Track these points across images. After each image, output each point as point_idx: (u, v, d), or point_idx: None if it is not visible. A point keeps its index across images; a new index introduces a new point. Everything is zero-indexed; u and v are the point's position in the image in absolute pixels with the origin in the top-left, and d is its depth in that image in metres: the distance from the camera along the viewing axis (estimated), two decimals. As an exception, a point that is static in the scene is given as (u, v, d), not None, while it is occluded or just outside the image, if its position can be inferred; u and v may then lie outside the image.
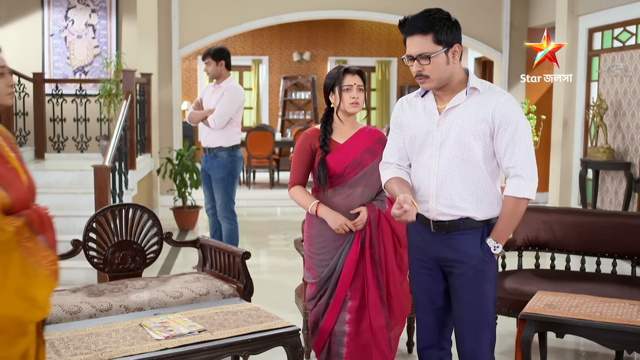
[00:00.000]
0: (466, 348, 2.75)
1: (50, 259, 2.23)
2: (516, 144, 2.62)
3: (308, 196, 3.28)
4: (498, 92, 2.68)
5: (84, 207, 6.35)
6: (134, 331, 3.08)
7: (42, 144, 7.97)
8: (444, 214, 2.71)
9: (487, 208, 2.69)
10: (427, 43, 2.59)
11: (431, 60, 2.59)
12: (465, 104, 2.67)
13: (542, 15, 9.38)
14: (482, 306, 2.71)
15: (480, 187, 2.68)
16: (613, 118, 7.56)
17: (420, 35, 2.60)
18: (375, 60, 15.11)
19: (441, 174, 2.69)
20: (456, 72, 2.67)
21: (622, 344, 3.16)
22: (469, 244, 2.69)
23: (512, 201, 2.66)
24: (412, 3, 9.61)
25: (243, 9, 9.39)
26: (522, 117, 2.65)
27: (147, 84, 7.97)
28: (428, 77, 2.63)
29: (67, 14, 9.10)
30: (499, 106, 2.62)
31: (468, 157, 2.65)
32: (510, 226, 2.69)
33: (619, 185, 7.55)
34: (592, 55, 8.09)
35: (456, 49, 2.63)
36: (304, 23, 14.16)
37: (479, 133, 2.63)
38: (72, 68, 9.12)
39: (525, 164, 2.63)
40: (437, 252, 2.77)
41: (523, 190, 2.63)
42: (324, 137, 3.25)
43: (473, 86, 2.67)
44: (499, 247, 2.69)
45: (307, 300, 3.38)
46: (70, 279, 5.56)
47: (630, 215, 4.34)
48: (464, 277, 2.71)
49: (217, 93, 5.89)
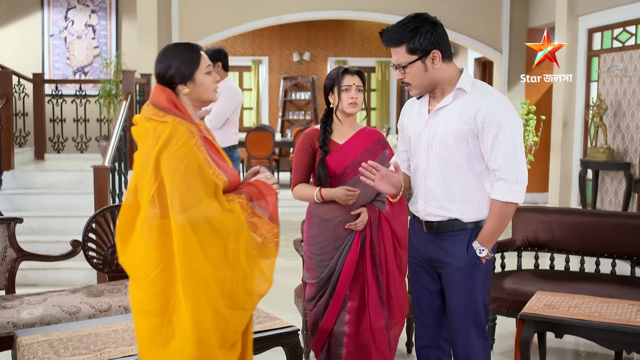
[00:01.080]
0: (458, 350, 2.75)
1: (274, 232, 2.48)
2: (500, 146, 2.58)
3: (310, 187, 3.28)
4: (486, 93, 2.64)
5: (83, 208, 6.36)
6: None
7: (41, 144, 7.97)
8: (432, 214, 2.72)
9: (475, 209, 2.68)
10: (401, 53, 2.62)
11: (406, 69, 2.63)
12: (451, 105, 2.67)
13: (542, 16, 9.38)
14: (471, 308, 2.70)
15: (466, 189, 2.67)
16: (613, 118, 7.56)
17: (394, 46, 2.63)
18: (375, 61, 15.11)
19: (428, 175, 2.71)
20: (441, 75, 2.65)
21: (621, 344, 3.16)
22: (456, 245, 2.69)
23: (497, 205, 2.63)
24: (411, 3, 9.66)
25: (243, 9, 9.39)
26: (508, 117, 2.58)
27: (147, 85, 7.96)
28: (410, 84, 2.67)
29: (67, 14, 9.11)
30: (483, 107, 2.59)
31: (452, 158, 2.65)
32: (497, 230, 2.65)
33: (618, 185, 7.55)
34: (592, 56, 8.09)
35: (435, 55, 2.60)
36: (303, 23, 14.17)
37: (462, 135, 2.62)
38: (72, 69, 9.14)
39: (509, 166, 2.58)
40: (428, 252, 2.78)
41: (507, 194, 2.59)
42: (324, 137, 3.25)
43: (460, 87, 2.65)
44: (484, 251, 2.66)
45: (306, 300, 3.37)
46: (69, 280, 5.58)
47: (629, 216, 4.34)
48: (451, 278, 2.72)
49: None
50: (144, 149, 2.34)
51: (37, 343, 2.92)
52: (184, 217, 2.26)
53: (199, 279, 2.29)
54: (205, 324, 2.29)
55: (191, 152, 2.32)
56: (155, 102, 2.43)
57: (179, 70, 2.45)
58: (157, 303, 2.31)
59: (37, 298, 3.64)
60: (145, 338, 2.35)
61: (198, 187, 2.29)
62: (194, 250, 2.27)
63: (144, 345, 2.37)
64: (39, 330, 3.11)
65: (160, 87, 2.47)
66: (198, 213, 2.28)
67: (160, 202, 2.29)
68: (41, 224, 6.14)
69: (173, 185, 2.27)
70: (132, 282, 2.40)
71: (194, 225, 2.27)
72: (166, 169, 2.28)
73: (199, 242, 2.28)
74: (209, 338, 2.30)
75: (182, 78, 2.46)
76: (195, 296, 2.29)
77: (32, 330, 3.11)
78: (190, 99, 2.50)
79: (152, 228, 2.30)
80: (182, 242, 2.26)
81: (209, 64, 2.51)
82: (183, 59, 2.45)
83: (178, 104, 2.44)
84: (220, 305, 2.32)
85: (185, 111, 2.45)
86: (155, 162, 2.30)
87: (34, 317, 3.44)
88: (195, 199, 2.28)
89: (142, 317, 2.35)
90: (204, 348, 2.29)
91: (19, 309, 3.48)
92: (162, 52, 2.50)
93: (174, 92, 2.47)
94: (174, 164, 2.28)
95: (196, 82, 2.48)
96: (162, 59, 2.47)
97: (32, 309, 3.49)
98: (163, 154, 2.29)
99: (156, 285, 2.30)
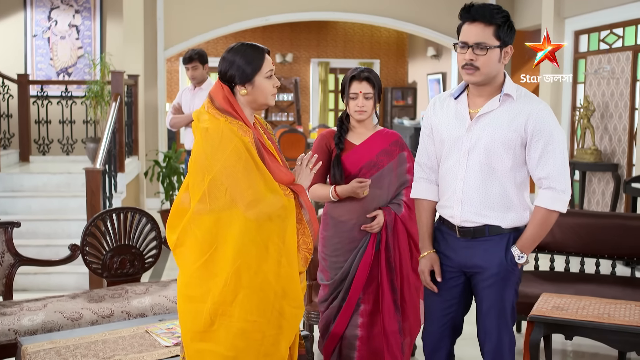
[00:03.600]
0: (485, 351, 2.74)
1: (309, 247, 2.48)
2: (549, 155, 2.57)
3: (325, 186, 3.26)
4: (533, 101, 2.62)
5: (72, 211, 6.25)
6: (140, 338, 3.02)
7: (26, 146, 7.84)
8: (468, 221, 2.67)
9: (513, 217, 2.65)
10: (488, 34, 2.55)
11: (488, 52, 2.55)
12: (498, 111, 2.62)
13: (528, 18, 9.42)
14: (502, 311, 2.69)
15: (507, 197, 2.63)
16: (600, 120, 7.62)
17: (484, 24, 2.55)
18: (358, 62, 15.07)
19: (468, 181, 2.65)
20: (501, 72, 2.64)
21: (633, 345, 3.17)
22: (493, 250, 2.66)
23: (542, 212, 2.61)
24: (396, 4, 9.67)
25: (228, 10, 9.32)
26: (556, 126, 2.59)
27: (135, 86, 7.87)
28: (478, 68, 2.57)
29: (50, 14, 8.96)
30: (533, 115, 2.57)
31: (497, 165, 2.61)
32: (538, 237, 2.64)
33: (605, 186, 7.61)
34: (579, 58, 8.15)
35: (508, 50, 2.60)
36: (286, 25, 14.10)
37: (510, 143, 2.59)
38: (55, 69, 8.99)
39: (559, 175, 2.58)
40: (461, 257, 2.73)
41: (555, 202, 2.59)
42: (339, 136, 3.24)
43: (507, 93, 2.61)
44: (524, 257, 2.64)
45: (319, 302, 3.35)
46: (61, 284, 5.48)
47: (629, 217, 4.37)
48: (485, 282, 2.69)
49: (200, 96, 5.81)
50: (198, 146, 2.39)
51: (43, 351, 2.85)
52: (250, 214, 2.30)
53: (258, 275, 2.33)
54: (253, 316, 2.33)
55: (247, 149, 2.35)
56: (213, 98, 2.46)
57: (241, 70, 2.45)
58: (199, 290, 2.37)
59: (36, 304, 3.55)
60: (187, 321, 2.42)
61: (259, 183, 2.33)
62: (255, 246, 2.32)
63: (186, 328, 2.43)
64: (43, 337, 3.04)
65: (220, 83, 2.49)
66: (261, 209, 2.32)
67: (211, 199, 2.32)
68: (29, 227, 6.00)
69: (235, 183, 2.31)
70: (180, 269, 2.47)
71: (257, 221, 2.31)
72: (222, 168, 2.31)
73: (260, 239, 2.32)
74: (255, 332, 2.33)
75: (242, 79, 2.45)
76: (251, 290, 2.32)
77: (36, 338, 3.04)
78: (246, 100, 2.49)
79: (201, 222, 2.35)
80: (242, 237, 2.30)
81: (272, 68, 2.49)
82: (246, 59, 2.45)
83: (234, 103, 2.45)
84: (283, 303, 2.37)
85: (241, 111, 2.45)
86: (209, 160, 2.33)
87: (36, 324, 3.36)
88: (256, 194, 2.32)
89: (185, 301, 2.42)
90: (249, 340, 2.33)
91: (19, 315, 3.40)
92: (229, 49, 2.49)
93: (232, 91, 2.48)
94: (233, 161, 2.32)
95: (255, 85, 2.47)
96: (226, 56, 2.47)
97: (32, 315, 3.41)
98: (218, 153, 2.32)
99: (202, 273, 2.36)
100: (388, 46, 15.21)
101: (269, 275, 2.34)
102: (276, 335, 2.38)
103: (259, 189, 2.32)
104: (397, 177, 3.24)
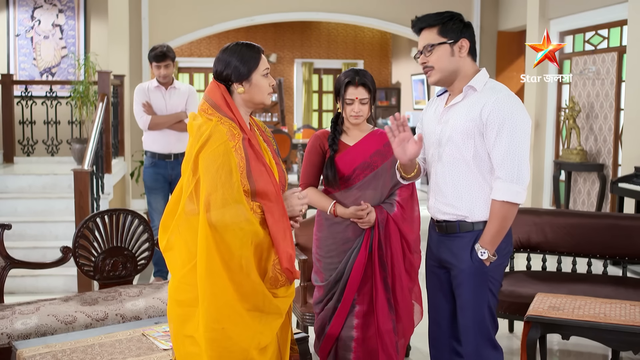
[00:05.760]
0: (464, 351, 2.75)
1: (278, 267, 2.40)
2: (499, 143, 2.57)
3: (324, 197, 3.24)
4: (494, 91, 2.63)
5: (58, 213, 6.18)
6: (137, 341, 2.98)
7: (10, 147, 7.74)
8: (441, 212, 2.75)
9: (481, 209, 2.67)
10: (432, 36, 2.66)
11: (434, 49, 2.65)
12: (461, 103, 2.69)
13: (512, 19, 9.49)
14: (476, 310, 2.68)
15: (473, 187, 2.67)
16: (585, 120, 7.69)
17: (427, 29, 2.69)
18: (342, 63, 15.11)
19: (439, 172, 2.74)
20: (464, 68, 2.69)
21: (629, 344, 3.19)
22: (461, 247, 2.70)
23: (495, 205, 2.61)
24: (381, 5, 9.68)
25: (214, 10, 9.28)
26: (512, 115, 2.55)
27: (120, 86, 7.80)
28: (432, 67, 2.68)
29: (33, 13, 8.87)
30: (488, 105, 2.59)
31: (459, 156, 2.66)
32: (497, 232, 2.61)
33: (591, 186, 7.67)
34: (564, 59, 8.21)
35: (463, 44, 2.66)
36: (270, 25, 14.08)
37: (469, 132, 2.63)
38: (38, 69, 8.89)
39: (504, 164, 2.56)
40: (439, 252, 2.82)
41: (504, 193, 2.57)
42: (333, 137, 3.23)
43: (471, 85, 2.67)
44: (485, 253, 2.62)
45: (314, 303, 3.33)
46: (48, 287, 5.42)
47: (621, 217, 4.40)
48: (457, 279, 2.74)
49: (175, 95, 5.51)
50: (190, 146, 2.39)
51: (39, 355, 2.81)
52: (208, 216, 2.28)
53: (217, 280, 2.29)
54: (222, 324, 2.29)
55: (227, 153, 2.33)
56: (208, 97, 2.46)
57: (237, 69, 2.46)
58: (189, 294, 2.35)
59: (29, 307, 3.50)
60: (177, 325, 2.40)
61: (226, 190, 2.30)
62: (212, 250, 2.28)
63: (176, 332, 2.41)
64: (38, 341, 2.99)
65: (215, 82, 2.49)
66: (220, 215, 2.28)
67: (198, 199, 2.32)
68: (15, 229, 5.87)
69: (204, 184, 2.30)
70: (170, 271, 2.45)
71: (214, 226, 2.28)
72: (202, 167, 2.32)
73: (215, 243, 2.28)
74: (225, 339, 2.30)
75: (239, 77, 2.47)
76: (213, 296, 2.29)
77: (31, 342, 2.99)
78: (243, 99, 2.50)
79: (189, 223, 2.34)
80: (204, 240, 2.28)
81: (267, 66, 2.52)
82: (243, 58, 2.46)
83: (230, 102, 2.46)
84: (240, 307, 2.32)
85: (236, 110, 2.46)
86: (194, 160, 2.34)
87: (29, 328, 3.30)
88: (221, 200, 2.29)
89: (175, 305, 2.41)
90: (219, 348, 2.30)
91: (12, 319, 3.35)
92: (224, 49, 2.50)
93: (229, 90, 2.49)
94: (208, 163, 2.31)
95: (252, 83, 2.48)
96: (222, 56, 2.48)
97: (25, 319, 3.35)
98: (201, 153, 2.33)
99: (190, 278, 2.34)
100: (372, 46, 15.24)
101: (227, 282, 2.29)
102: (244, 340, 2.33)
103: (223, 196, 2.29)
104: (391, 177, 3.23)
